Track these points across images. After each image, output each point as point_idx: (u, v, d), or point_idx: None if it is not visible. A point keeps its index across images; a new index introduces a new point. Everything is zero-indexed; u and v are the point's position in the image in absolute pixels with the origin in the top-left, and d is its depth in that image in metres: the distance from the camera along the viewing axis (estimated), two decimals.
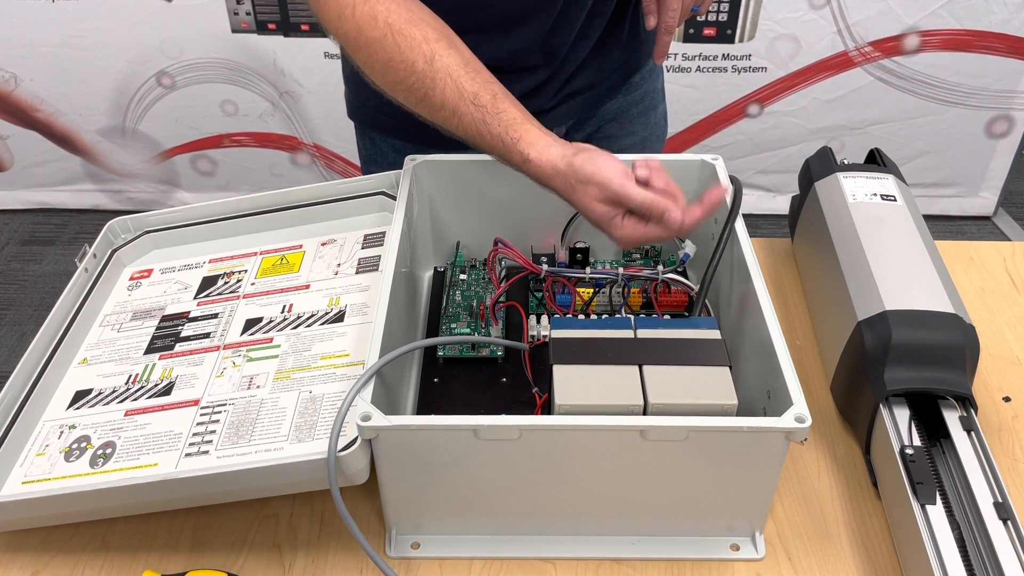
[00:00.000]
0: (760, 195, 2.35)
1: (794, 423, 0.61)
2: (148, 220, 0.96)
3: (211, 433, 0.71)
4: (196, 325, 0.84)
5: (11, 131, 2.30)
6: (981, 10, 2.03)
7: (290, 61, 2.13)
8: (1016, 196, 2.45)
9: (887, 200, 0.89)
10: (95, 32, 2.11)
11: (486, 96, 0.76)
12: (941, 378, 0.73)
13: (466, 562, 0.70)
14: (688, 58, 2.13)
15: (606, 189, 0.72)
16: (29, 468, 0.71)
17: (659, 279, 0.83)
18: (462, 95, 0.76)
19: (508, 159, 0.77)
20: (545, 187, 0.77)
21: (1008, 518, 0.64)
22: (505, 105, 0.76)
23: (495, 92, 0.77)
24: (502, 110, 0.76)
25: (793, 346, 0.90)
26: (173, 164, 2.35)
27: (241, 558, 0.70)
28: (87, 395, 0.77)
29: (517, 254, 0.86)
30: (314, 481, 0.65)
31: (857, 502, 0.75)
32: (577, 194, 0.74)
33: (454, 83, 0.76)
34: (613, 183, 0.72)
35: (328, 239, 0.92)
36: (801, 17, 2.06)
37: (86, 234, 2.32)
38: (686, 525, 0.70)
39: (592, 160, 0.73)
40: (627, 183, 0.72)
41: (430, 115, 0.79)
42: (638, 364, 0.68)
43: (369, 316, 0.80)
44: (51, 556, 0.71)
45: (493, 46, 0.85)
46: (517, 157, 0.76)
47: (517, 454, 0.64)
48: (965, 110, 2.20)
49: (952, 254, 1.02)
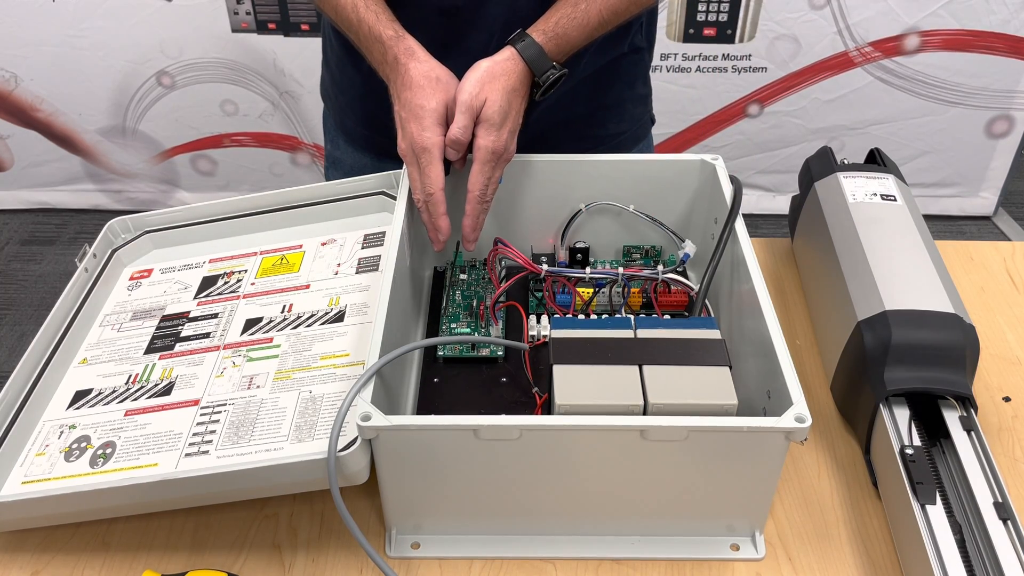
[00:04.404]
0: (760, 195, 2.35)
1: (794, 423, 0.61)
2: (148, 220, 0.96)
3: (211, 433, 0.71)
4: (196, 325, 0.84)
5: (11, 131, 2.30)
6: (981, 10, 2.03)
7: (290, 61, 2.13)
8: (1016, 196, 2.45)
9: (887, 200, 0.89)
10: (95, 32, 2.11)
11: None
12: (941, 378, 0.73)
13: (466, 562, 0.70)
14: (688, 58, 2.13)
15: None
16: (29, 468, 0.71)
17: (659, 279, 0.83)
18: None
19: (380, 35, 0.84)
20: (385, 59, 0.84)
21: (1008, 518, 0.64)
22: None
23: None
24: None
25: (793, 346, 0.90)
26: (173, 164, 2.35)
27: (241, 558, 0.70)
28: (87, 395, 0.77)
29: (517, 254, 0.86)
30: (314, 481, 0.65)
31: (857, 502, 0.75)
32: (402, 96, 0.82)
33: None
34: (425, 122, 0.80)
35: (328, 239, 0.92)
36: (801, 17, 2.06)
37: (86, 234, 2.32)
38: (686, 525, 0.70)
39: (420, 92, 0.80)
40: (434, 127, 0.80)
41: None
42: (638, 364, 0.68)
43: (369, 316, 0.80)
44: (51, 556, 0.71)
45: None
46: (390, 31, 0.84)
47: (517, 454, 0.64)
48: (965, 110, 2.20)
49: (952, 254, 1.02)
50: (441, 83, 0.81)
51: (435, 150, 0.80)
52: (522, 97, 0.83)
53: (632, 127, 1.07)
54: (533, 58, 0.82)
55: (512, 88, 0.81)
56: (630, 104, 1.06)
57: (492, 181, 0.83)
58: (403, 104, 0.82)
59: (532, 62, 0.82)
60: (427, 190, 0.80)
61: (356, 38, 0.88)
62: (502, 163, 0.83)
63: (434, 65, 0.82)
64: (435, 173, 0.80)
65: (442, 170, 0.80)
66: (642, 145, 1.10)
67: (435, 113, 0.80)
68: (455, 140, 0.80)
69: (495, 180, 0.83)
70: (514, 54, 0.82)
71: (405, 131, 0.81)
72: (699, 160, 0.89)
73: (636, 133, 1.08)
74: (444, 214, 0.81)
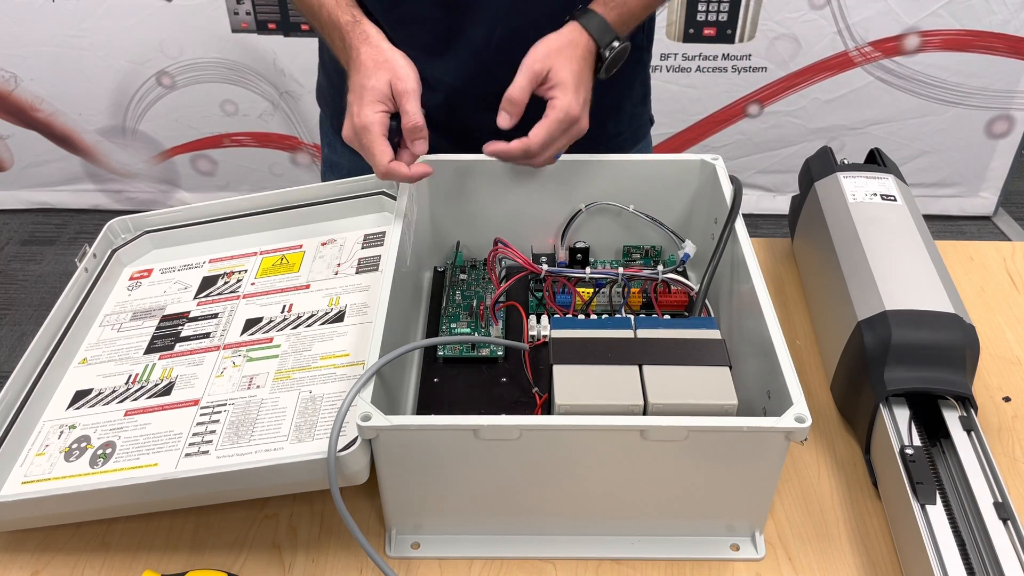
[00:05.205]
0: (760, 195, 2.35)
1: (794, 423, 0.61)
2: (148, 220, 0.96)
3: (211, 433, 0.71)
4: (196, 325, 0.84)
5: (11, 131, 2.30)
6: (981, 10, 2.04)
7: (290, 61, 2.13)
8: (1016, 196, 2.45)
9: (887, 200, 0.89)
10: (95, 32, 2.11)
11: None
12: (941, 378, 0.73)
13: (466, 562, 0.70)
14: (688, 58, 2.13)
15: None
16: (29, 468, 0.71)
17: (659, 279, 0.83)
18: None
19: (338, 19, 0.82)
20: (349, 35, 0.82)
21: (1008, 518, 0.64)
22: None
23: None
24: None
25: (793, 346, 0.90)
26: (173, 164, 2.35)
27: (241, 558, 0.70)
28: (87, 395, 0.77)
29: (517, 254, 0.86)
30: (314, 481, 0.65)
31: (857, 502, 0.75)
32: (351, 80, 0.80)
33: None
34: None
35: (328, 239, 0.92)
36: (801, 17, 2.06)
37: (86, 234, 2.32)
38: (686, 525, 0.70)
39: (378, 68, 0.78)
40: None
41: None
42: (638, 364, 0.68)
43: (369, 316, 0.80)
44: (51, 556, 0.71)
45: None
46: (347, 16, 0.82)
47: (517, 454, 0.64)
48: (965, 110, 2.20)
49: (952, 254, 1.02)
50: (387, 63, 0.79)
51: (374, 127, 0.77)
52: (590, 68, 0.81)
53: (631, 127, 1.07)
54: (597, 29, 0.81)
55: (581, 57, 0.80)
56: (629, 104, 1.05)
57: (553, 145, 0.79)
58: (350, 87, 0.80)
59: (596, 33, 0.81)
60: (380, 168, 0.78)
61: (320, 27, 0.86)
62: (572, 133, 0.80)
63: (385, 48, 0.80)
64: (380, 148, 0.77)
65: (387, 144, 0.77)
66: (641, 145, 1.10)
67: (374, 91, 0.77)
68: (510, 98, 0.78)
69: (556, 148, 0.80)
70: (577, 26, 0.81)
71: (349, 114, 0.79)
72: (699, 160, 0.89)
73: (635, 133, 1.08)
74: (409, 173, 0.78)
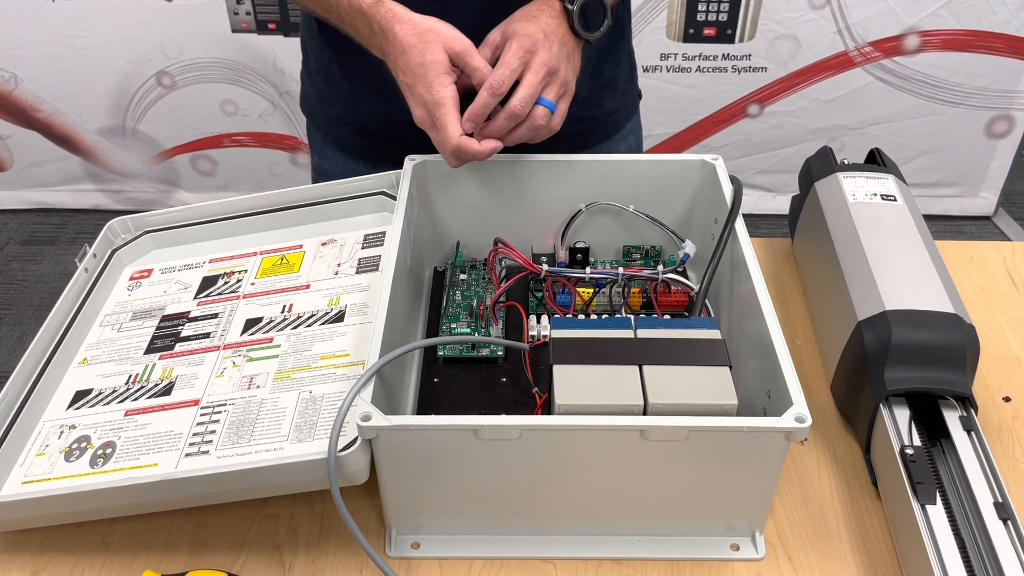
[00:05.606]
0: (760, 195, 2.35)
1: (794, 423, 0.61)
2: (148, 220, 0.96)
3: (211, 433, 0.71)
4: (196, 325, 0.84)
5: (11, 131, 2.30)
6: (981, 10, 2.04)
7: (290, 61, 2.13)
8: (1016, 196, 2.45)
9: (887, 200, 0.89)
10: (95, 32, 2.11)
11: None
12: (941, 378, 0.73)
13: (466, 562, 0.70)
14: (688, 58, 2.13)
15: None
16: (29, 468, 0.71)
17: (659, 279, 0.83)
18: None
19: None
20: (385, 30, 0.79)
21: (1008, 518, 0.64)
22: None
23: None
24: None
25: (793, 346, 0.90)
26: (173, 164, 2.35)
27: (241, 558, 0.70)
28: (87, 395, 0.77)
29: (517, 254, 0.86)
30: (314, 481, 0.65)
31: (857, 502, 0.75)
32: (399, 63, 0.78)
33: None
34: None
35: (328, 239, 0.92)
36: (801, 17, 2.06)
37: (86, 234, 2.32)
38: (686, 525, 0.70)
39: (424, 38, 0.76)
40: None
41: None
42: (638, 364, 0.68)
43: (369, 316, 0.80)
44: (51, 556, 0.71)
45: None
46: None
47: (517, 454, 0.64)
48: (965, 110, 2.20)
49: (952, 254, 1.02)
50: (433, 32, 0.77)
51: (448, 101, 0.76)
52: (562, 25, 0.80)
53: (624, 102, 1.07)
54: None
55: (545, 15, 0.79)
56: (621, 80, 1.05)
57: (526, 85, 0.77)
58: (402, 70, 0.78)
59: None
60: (451, 142, 0.76)
61: (339, 19, 0.85)
62: (556, 83, 0.78)
63: (419, 19, 0.78)
64: (453, 123, 0.76)
65: (459, 119, 0.76)
66: (633, 121, 1.10)
67: (436, 65, 0.76)
68: (473, 65, 0.77)
69: (530, 89, 0.77)
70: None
71: (415, 96, 0.78)
72: (699, 160, 0.89)
73: (628, 108, 1.08)
74: (479, 148, 0.77)
